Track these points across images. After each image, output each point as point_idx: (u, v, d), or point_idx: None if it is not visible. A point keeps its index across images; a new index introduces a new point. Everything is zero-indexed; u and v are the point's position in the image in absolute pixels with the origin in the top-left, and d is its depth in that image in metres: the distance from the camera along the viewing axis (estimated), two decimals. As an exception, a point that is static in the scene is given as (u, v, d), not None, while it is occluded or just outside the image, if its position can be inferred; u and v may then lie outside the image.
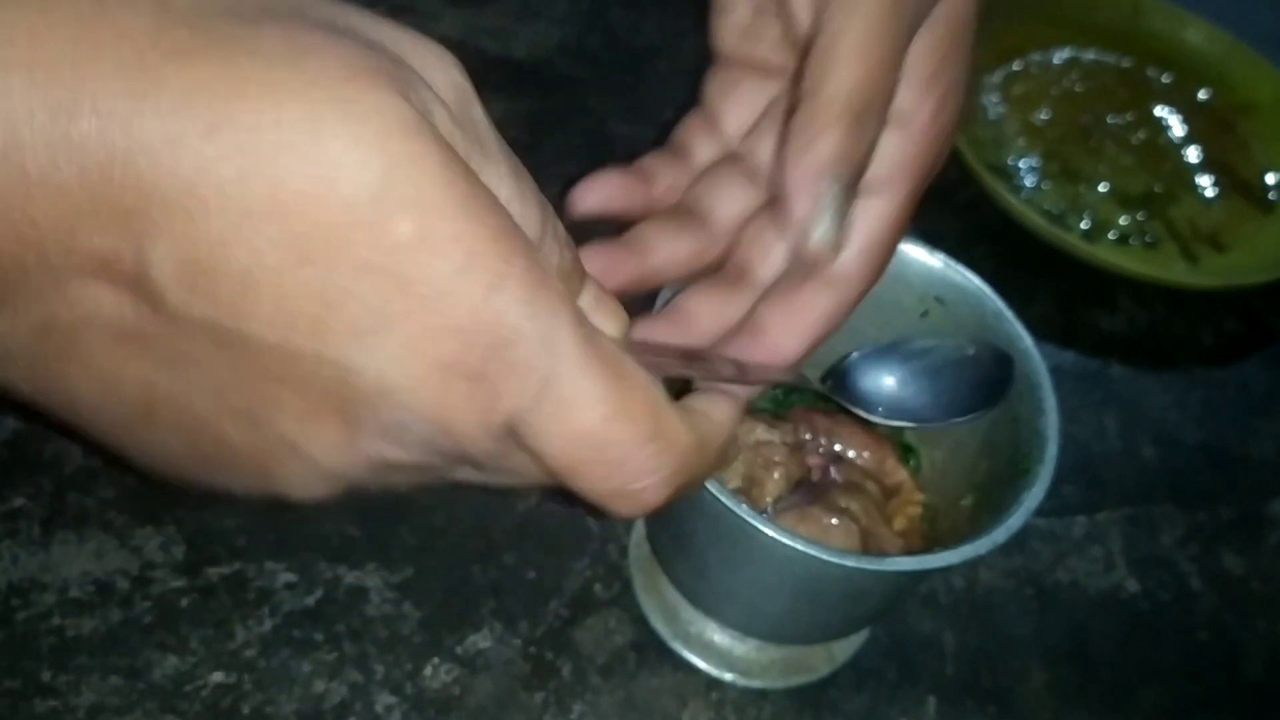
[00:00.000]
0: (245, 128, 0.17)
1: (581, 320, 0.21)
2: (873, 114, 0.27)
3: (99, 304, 0.19)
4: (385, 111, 0.18)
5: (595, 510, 0.23)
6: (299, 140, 0.17)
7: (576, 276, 0.24)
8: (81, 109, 0.17)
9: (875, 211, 0.29)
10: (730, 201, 0.31)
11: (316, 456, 0.21)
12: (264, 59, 0.17)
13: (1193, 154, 0.64)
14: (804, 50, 0.28)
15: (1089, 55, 0.68)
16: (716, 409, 0.25)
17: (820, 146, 0.26)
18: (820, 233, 0.26)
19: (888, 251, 0.30)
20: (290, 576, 0.40)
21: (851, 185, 0.27)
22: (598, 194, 0.30)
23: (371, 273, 0.18)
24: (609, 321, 0.25)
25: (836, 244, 0.27)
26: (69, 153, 0.17)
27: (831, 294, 0.29)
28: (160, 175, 0.17)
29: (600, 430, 0.21)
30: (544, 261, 0.21)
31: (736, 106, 0.33)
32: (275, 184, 0.17)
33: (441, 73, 0.21)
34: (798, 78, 0.28)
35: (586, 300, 0.25)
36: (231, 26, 0.18)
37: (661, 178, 0.32)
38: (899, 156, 0.29)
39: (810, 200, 0.26)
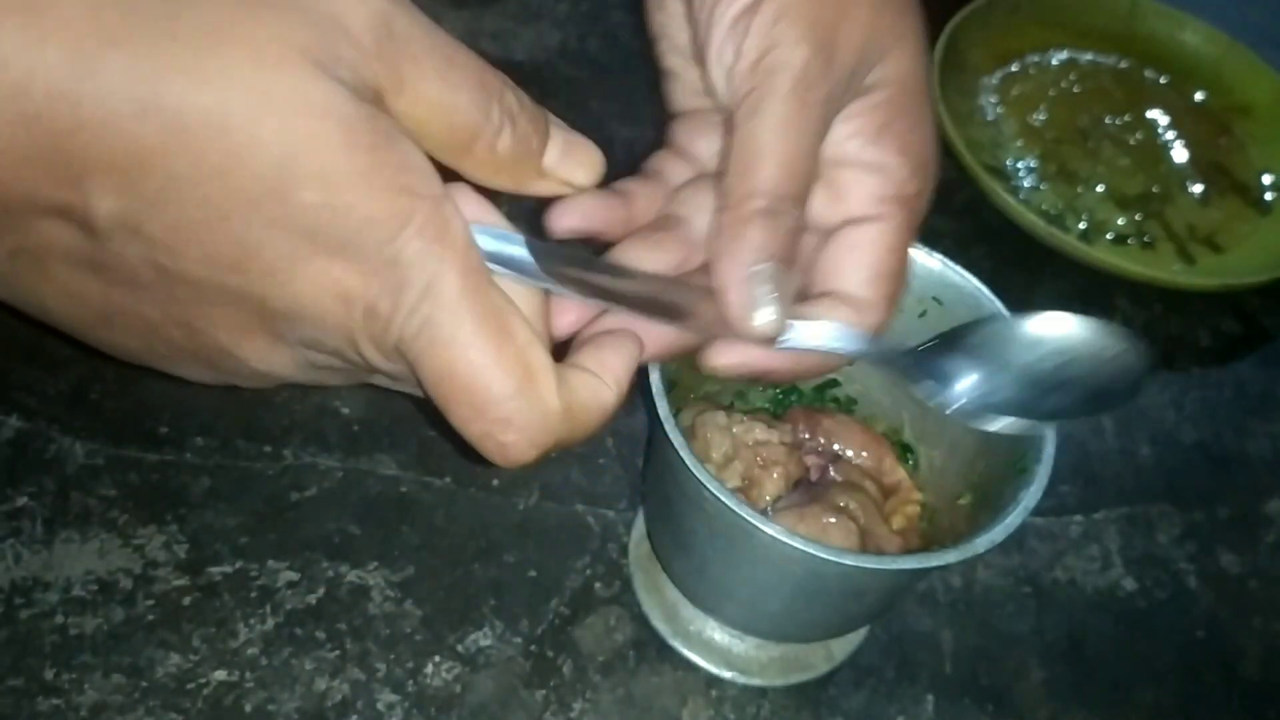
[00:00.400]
0: (169, 110, 0.20)
1: (471, 272, 0.23)
2: (789, 203, 0.28)
3: (59, 238, 0.22)
4: (292, 95, 0.21)
5: (437, 435, 0.25)
6: (214, 122, 0.21)
7: (537, 137, 0.26)
8: (34, 92, 0.20)
9: (870, 238, 0.31)
10: (709, 211, 0.31)
11: (249, 359, 0.25)
12: (183, 45, 0.20)
13: (1189, 155, 0.64)
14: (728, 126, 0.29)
15: (1086, 57, 0.68)
16: (597, 384, 0.26)
17: (742, 243, 0.28)
18: (761, 319, 0.27)
19: (897, 276, 0.31)
20: (292, 575, 0.41)
21: (786, 265, 0.28)
22: (575, 214, 0.31)
23: (281, 228, 0.22)
24: (579, 171, 0.27)
25: (780, 325, 0.28)
26: (27, 127, 0.20)
27: (844, 313, 0.30)
28: (102, 148, 0.20)
29: (466, 373, 0.23)
30: (449, 212, 0.23)
31: (705, 140, 0.34)
32: (197, 156, 0.21)
33: (358, 3, 0.23)
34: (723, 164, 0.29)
35: (553, 154, 0.27)
36: (155, 7, 0.20)
37: (639, 197, 0.32)
38: (879, 192, 0.31)
39: (742, 294, 0.28)
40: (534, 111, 0.26)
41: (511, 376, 0.24)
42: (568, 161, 0.27)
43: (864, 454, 0.40)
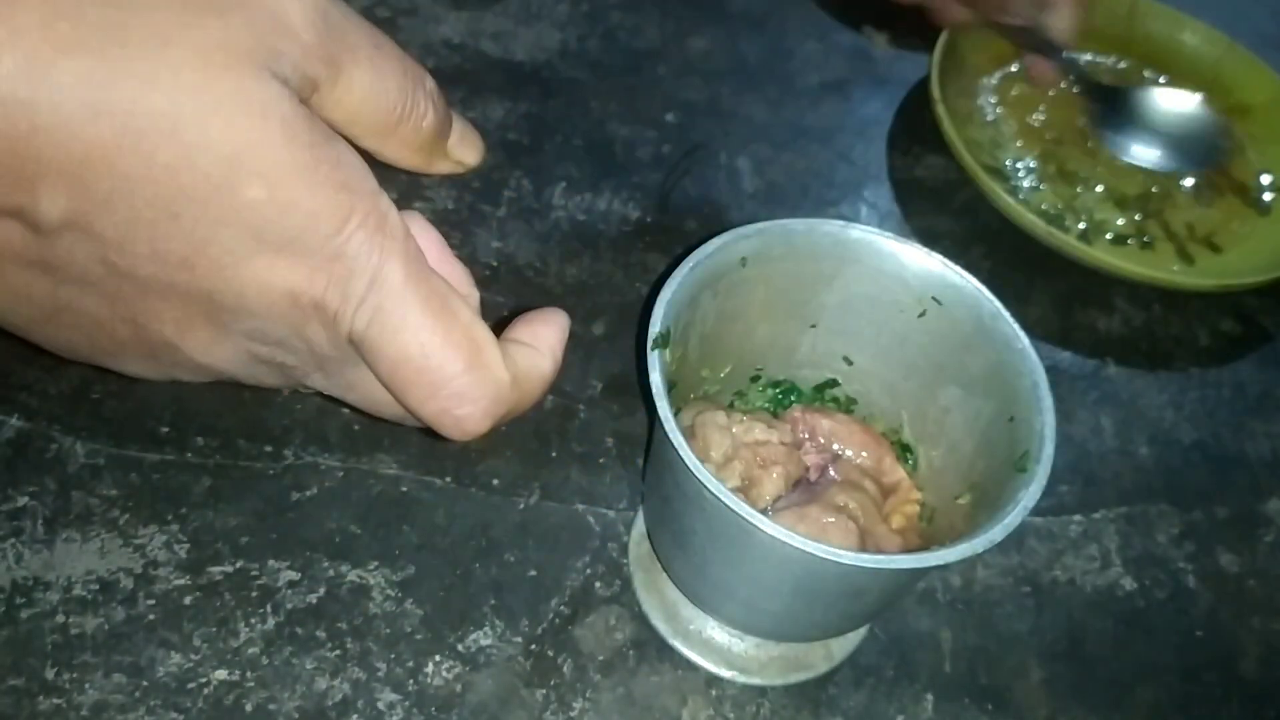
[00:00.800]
0: (121, 113, 0.21)
1: (412, 259, 0.24)
2: None
3: (8, 239, 0.23)
4: (236, 97, 0.22)
5: (438, 435, 0.26)
6: (165, 123, 0.21)
7: (447, 124, 0.29)
8: None
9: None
10: None
11: (192, 353, 0.25)
12: (134, 51, 0.21)
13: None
14: None
15: (1085, 57, 0.68)
16: (534, 355, 0.28)
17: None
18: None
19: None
20: (293, 574, 0.41)
21: None
22: None
23: (228, 225, 0.23)
24: (471, 153, 0.30)
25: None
26: None
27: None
28: (56, 150, 0.21)
29: (420, 355, 0.24)
30: (385, 205, 0.24)
31: None
32: (147, 157, 0.22)
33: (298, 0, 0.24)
34: None
35: (454, 137, 0.29)
36: (105, 15, 0.21)
37: None
38: None
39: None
40: (445, 104, 0.29)
41: (461, 353, 0.25)
42: (463, 144, 0.30)
43: (863, 454, 0.40)
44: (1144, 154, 0.60)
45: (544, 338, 0.29)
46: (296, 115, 0.23)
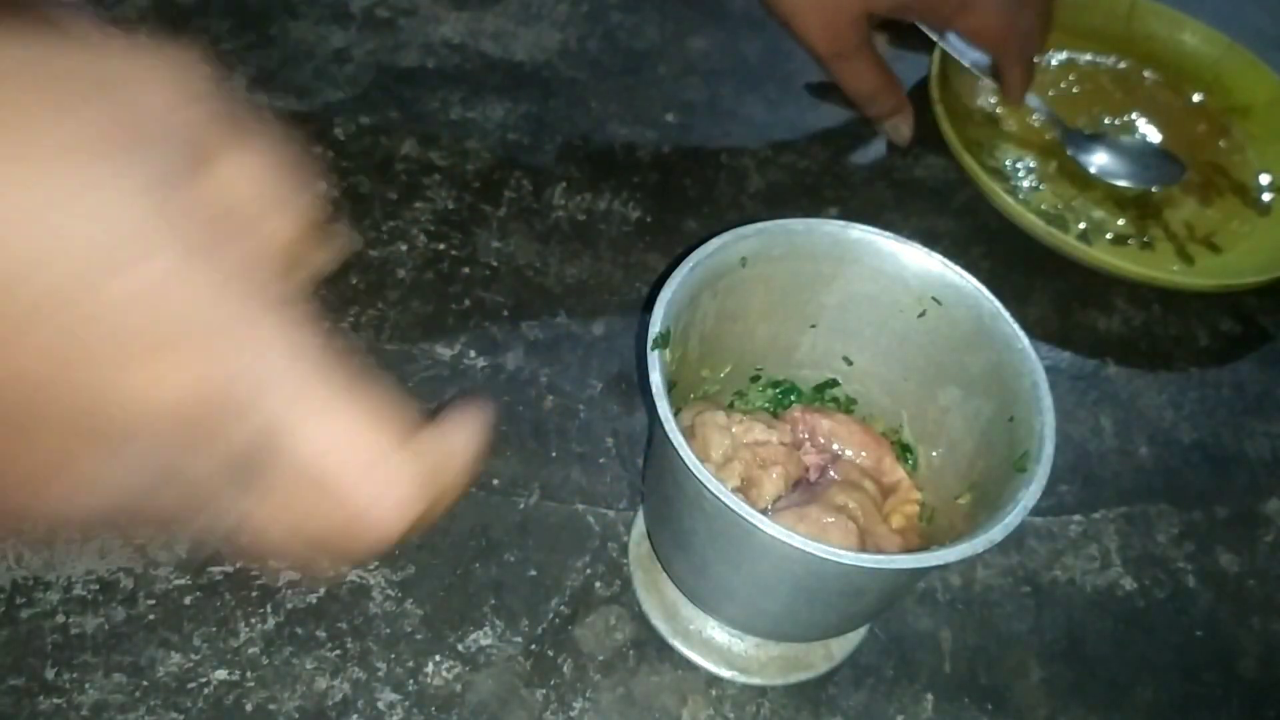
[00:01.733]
0: None
1: (311, 352, 0.22)
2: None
3: None
4: (105, 189, 0.21)
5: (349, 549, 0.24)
6: (27, 222, 0.20)
7: (312, 228, 0.26)
8: None
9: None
10: None
11: (79, 481, 0.22)
12: None
13: (1188, 156, 0.64)
14: None
15: (1085, 57, 0.68)
16: (449, 450, 0.26)
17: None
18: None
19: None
20: (292, 574, 0.41)
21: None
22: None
23: (100, 327, 0.20)
24: (328, 254, 0.28)
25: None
26: None
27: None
28: None
29: (332, 453, 0.22)
30: (271, 296, 0.22)
31: None
32: (7, 260, 0.20)
33: (158, 84, 0.23)
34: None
35: (316, 240, 0.27)
36: None
37: None
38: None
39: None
40: (316, 203, 0.27)
41: (373, 449, 0.23)
42: (323, 246, 0.28)
43: (863, 453, 0.40)
44: (1110, 170, 0.62)
45: (460, 433, 0.27)
46: (169, 206, 0.21)
